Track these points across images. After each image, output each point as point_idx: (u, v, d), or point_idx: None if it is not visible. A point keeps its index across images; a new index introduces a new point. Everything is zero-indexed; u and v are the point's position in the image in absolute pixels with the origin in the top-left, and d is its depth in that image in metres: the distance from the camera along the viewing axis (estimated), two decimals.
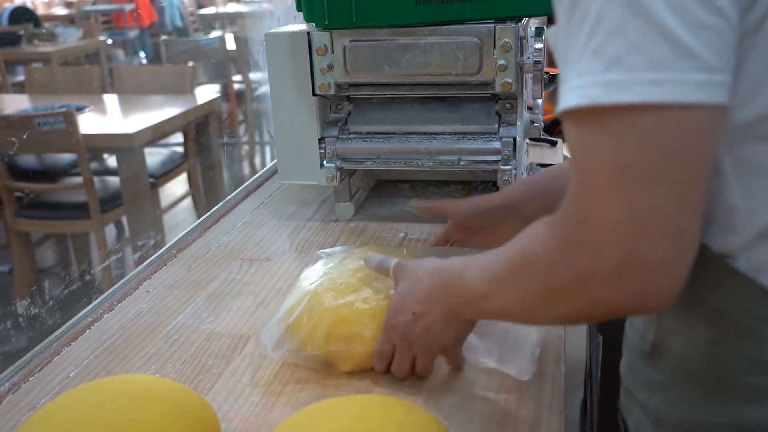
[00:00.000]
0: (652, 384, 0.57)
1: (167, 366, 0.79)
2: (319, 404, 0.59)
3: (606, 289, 0.45)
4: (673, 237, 0.42)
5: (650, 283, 0.43)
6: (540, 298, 0.51)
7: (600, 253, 0.44)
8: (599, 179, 0.43)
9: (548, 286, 0.49)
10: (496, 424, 0.67)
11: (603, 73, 0.41)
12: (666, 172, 0.41)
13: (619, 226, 0.42)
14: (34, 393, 0.76)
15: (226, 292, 0.96)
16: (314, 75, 1.08)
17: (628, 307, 0.46)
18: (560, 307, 0.50)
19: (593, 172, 0.43)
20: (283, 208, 1.26)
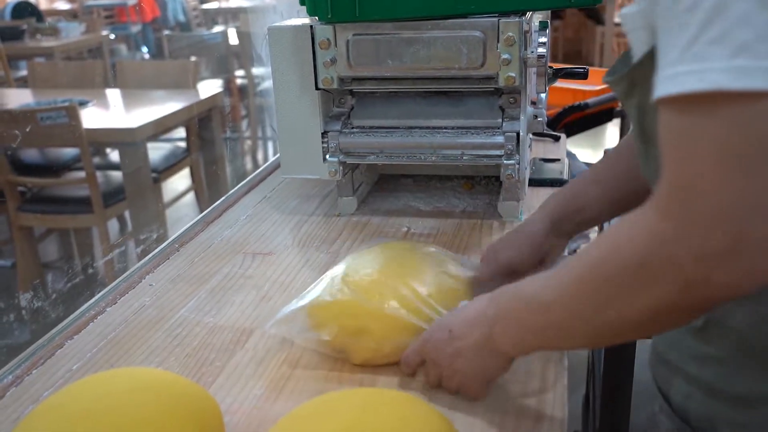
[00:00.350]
0: (704, 357, 0.57)
1: (170, 359, 0.79)
2: (322, 397, 0.59)
3: (706, 273, 0.44)
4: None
5: (757, 263, 0.43)
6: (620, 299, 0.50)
7: (704, 235, 0.43)
8: (708, 163, 0.43)
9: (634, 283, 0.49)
10: (499, 419, 0.67)
11: (729, 60, 0.41)
12: None
13: (728, 209, 0.42)
14: (37, 386, 0.76)
15: (228, 286, 0.96)
16: (317, 69, 1.07)
17: (729, 290, 0.46)
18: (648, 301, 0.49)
19: (701, 156, 0.43)
20: (285, 203, 1.26)
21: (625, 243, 0.49)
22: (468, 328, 0.64)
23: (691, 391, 0.59)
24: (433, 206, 1.20)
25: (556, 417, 0.67)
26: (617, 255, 0.50)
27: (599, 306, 0.52)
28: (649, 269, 0.47)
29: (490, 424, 0.66)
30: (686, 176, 0.44)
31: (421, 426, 0.54)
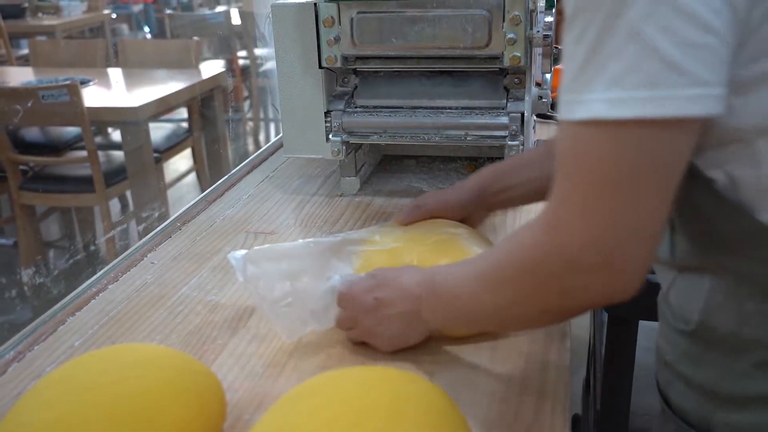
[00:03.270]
0: (698, 359, 0.58)
1: (172, 336, 0.79)
2: (323, 375, 0.59)
3: (583, 283, 0.50)
4: (646, 239, 0.48)
5: (621, 278, 0.49)
6: (516, 304, 0.57)
7: (579, 251, 0.49)
8: (589, 185, 0.47)
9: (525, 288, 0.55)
10: (500, 400, 0.67)
11: (604, 92, 0.45)
12: (653, 181, 0.46)
13: (600, 229, 0.47)
14: (39, 361, 0.76)
15: (230, 265, 0.95)
16: (321, 47, 1.07)
17: (599, 300, 0.52)
18: (538, 304, 0.56)
19: (584, 177, 0.48)
20: (288, 182, 1.26)
21: (518, 250, 0.55)
22: (397, 300, 0.70)
23: (687, 391, 0.59)
24: (437, 187, 1.20)
25: (558, 398, 0.67)
26: (512, 260, 0.56)
27: (499, 303, 0.59)
28: (535, 277, 0.53)
29: (492, 403, 0.66)
30: (567, 195, 0.48)
31: (423, 403, 0.54)
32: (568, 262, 0.50)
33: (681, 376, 0.60)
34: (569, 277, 0.50)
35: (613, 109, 0.45)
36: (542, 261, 0.52)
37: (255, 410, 0.66)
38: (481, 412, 0.65)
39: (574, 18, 0.47)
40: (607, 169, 0.46)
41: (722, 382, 0.56)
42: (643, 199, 0.46)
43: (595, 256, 0.48)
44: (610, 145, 0.46)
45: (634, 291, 0.49)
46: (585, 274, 0.49)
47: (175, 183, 2.86)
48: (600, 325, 1.32)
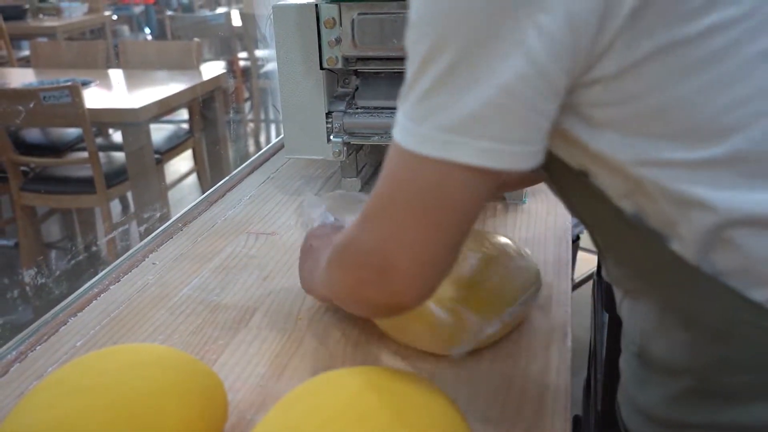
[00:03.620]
0: (642, 381, 0.58)
1: (174, 337, 0.79)
2: (324, 375, 0.59)
3: (366, 293, 0.55)
4: (418, 259, 0.50)
5: (398, 285, 0.52)
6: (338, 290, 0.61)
7: (362, 266, 0.53)
8: (385, 195, 0.51)
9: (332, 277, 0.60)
10: (502, 400, 0.67)
11: (419, 124, 0.47)
12: (431, 212, 0.49)
13: (383, 236, 0.51)
14: (41, 362, 0.76)
15: (232, 265, 0.96)
16: (322, 48, 1.07)
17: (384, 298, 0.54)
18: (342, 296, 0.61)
19: (384, 188, 0.51)
20: (289, 183, 1.26)
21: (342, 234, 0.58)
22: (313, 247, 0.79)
23: (633, 412, 0.60)
24: None
25: (559, 398, 0.67)
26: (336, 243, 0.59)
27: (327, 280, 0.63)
28: (335, 275, 0.59)
29: (492, 404, 0.66)
30: (375, 196, 0.52)
31: (424, 403, 0.54)
32: (354, 272, 0.55)
33: (629, 398, 0.60)
34: (355, 286, 0.55)
35: (420, 144, 0.47)
36: (341, 263, 0.57)
37: (257, 411, 0.66)
38: (482, 413, 0.65)
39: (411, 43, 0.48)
40: (401, 193, 0.49)
41: (659, 406, 0.56)
42: (422, 225, 0.49)
43: (371, 269, 0.52)
44: (410, 174, 0.48)
45: (412, 300, 0.53)
46: (367, 285, 0.53)
47: (175, 184, 2.86)
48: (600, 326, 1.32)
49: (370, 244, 0.52)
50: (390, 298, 0.54)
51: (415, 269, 0.51)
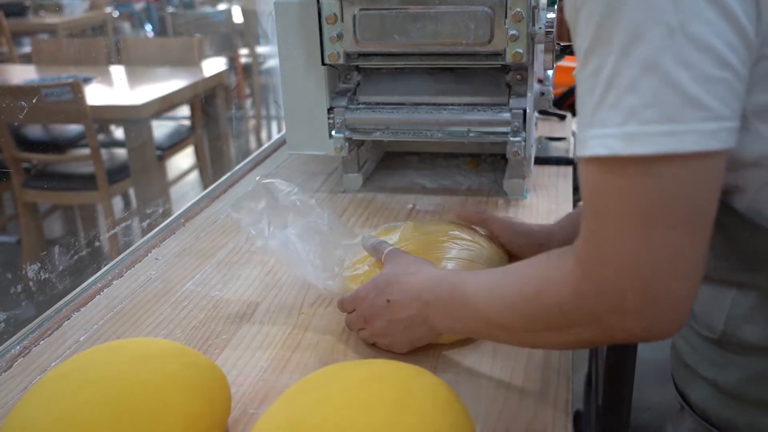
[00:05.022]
0: (723, 364, 0.58)
1: (176, 331, 0.79)
2: (327, 368, 0.60)
3: (625, 323, 0.48)
4: (686, 276, 0.46)
5: (666, 317, 0.47)
6: (549, 331, 0.55)
7: (619, 293, 0.47)
8: (618, 223, 0.46)
9: (560, 324, 0.53)
10: (503, 395, 0.67)
11: (621, 126, 0.44)
12: (683, 216, 0.45)
13: (638, 267, 0.45)
14: (44, 356, 0.76)
15: (234, 261, 0.96)
16: (324, 44, 1.07)
17: (645, 337, 0.49)
18: (570, 340, 0.54)
19: (612, 216, 0.46)
20: (290, 179, 1.24)
21: (548, 288, 0.53)
22: (406, 302, 0.68)
23: (711, 393, 0.60)
24: (439, 183, 1.20)
25: (561, 392, 0.67)
26: (541, 298, 0.54)
27: (526, 331, 0.57)
28: (570, 316, 0.51)
29: (494, 398, 0.66)
30: (599, 235, 0.47)
31: (428, 396, 0.54)
32: (607, 302, 0.48)
33: (704, 379, 0.60)
34: (609, 317, 0.48)
35: (630, 145, 0.44)
36: (579, 301, 0.50)
37: (260, 404, 0.67)
38: (484, 407, 0.65)
39: (589, 52, 0.46)
40: (633, 206, 0.45)
41: (749, 386, 0.56)
42: (676, 236, 0.45)
43: (634, 296, 0.46)
44: (632, 182, 0.45)
45: (677, 328, 0.48)
46: (625, 315, 0.47)
47: (177, 181, 2.86)
48: None
49: (617, 284, 0.46)
50: (645, 336, 0.49)
51: (682, 292, 0.46)
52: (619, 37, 0.44)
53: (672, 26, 0.42)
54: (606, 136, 0.45)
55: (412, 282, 0.69)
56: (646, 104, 0.43)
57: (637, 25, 0.43)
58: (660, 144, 0.43)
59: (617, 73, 0.44)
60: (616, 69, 0.44)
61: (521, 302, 0.56)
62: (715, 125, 0.43)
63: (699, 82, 0.43)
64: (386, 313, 0.69)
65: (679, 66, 0.43)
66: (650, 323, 0.47)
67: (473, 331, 0.67)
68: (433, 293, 0.66)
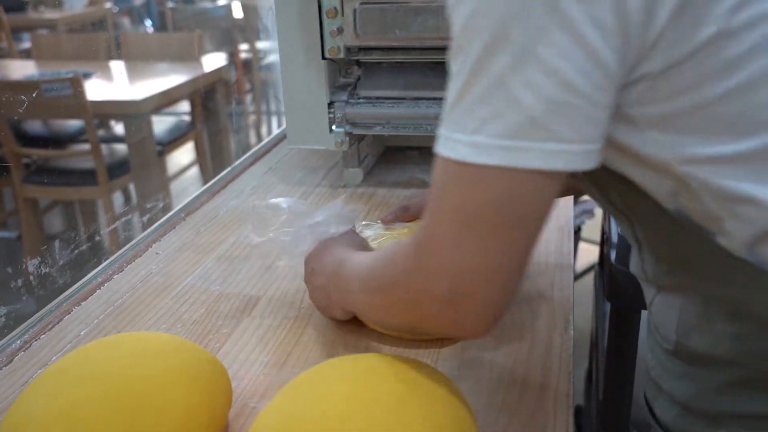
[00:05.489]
0: (678, 375, 0.58)
1: (177, 326, 0.79)
2: (328, 362, 0.59)
3: (435, 313, 0.51)
4: (496, 283, 0.48)
5: (471, 317, 0.49)
6: (385, 309, 0.59)
7: (434, 283, 0.49)
8: (445, 219, 0.48)
9: (392, 301, 0.57)
10: (504, 388, 0.67)
11: (471, 134, 0.46)
12: (506, 227, 0.47)
13: (452, 265, 0.48)
14: (45, 351, 0.76)
15: (235, 255, 0.96)
16: (324, 38, 1.07)
17: (449, 332, 0.53)
18: (399, 318, 0.58)
19: (443, 211, 0.48)
20: (291, 174, 1.26)
21: (390, 264, 0.57)
22: (319, 273, 0.74)
23: (669, 406, 0.60)
24: None
25: (561, 386, 0.67)
26: (383, 273, 0.58)
27: (374, 306, 0.62)
28: (399, 295, 0.55)
29: (495, 392, 0.66)
30: (430, 227, 0.49)
31: (428, 389, 0.54)
32: (423, 290, 0.51)
33: (663, 391, 0.60)
34: (423, 304, 0.51)
35: (477, 154, 0.45)
36: (407, 283, 0.53)
37: (260, 398, 0.67)
38: (485, 401, 0.65)
39: (454, 53, 0.47)
40: (467, 211, 0.47)
41: (699, 398, 0.56)
42: (498, 244, 0.47)
43: (446, 290, 0.49)
44: (472, 188, 0.47)
45: (483, 330, 0.50)
46: (437, 305, 0.50)
47: (177, 176, 2.86)
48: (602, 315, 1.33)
49: (434, 271, 0.49)
50: (454, 331, 0.52)
51: (491, 296, 0.48)
52: (475, 49, 0.45)
53: (522, 46, 0.43)
54: (457, 141, 0.46)
55: (329, 256, 0.74)
56: (494, 118, 0.45)
57: (491, 40, 0.44)
58: (502, 157, 0.45)
59: (470, 82, 0.45)
60: (471, 78, 0.45)
61: (369, 277, 0.61)
62: (555, 146, 0.45)
63: (542, 103, 0.44)
64: (313, 277, 0.76)
65: (525, 87, 0.44)
66: (456, 320, 0.50)
67: (346, 305, 0.71)
68: (334, 268, 0.71)
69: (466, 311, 0.49)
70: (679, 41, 0.44)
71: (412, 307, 0.53)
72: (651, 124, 0.48)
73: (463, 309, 0.49)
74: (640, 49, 0.45)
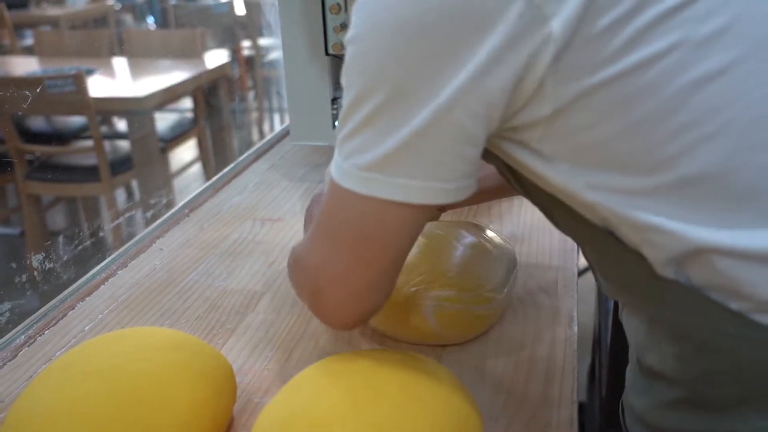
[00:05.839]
0: (640, 389, 0.59)
1: (181, 321, 0.79)
2: (332, 357, 0.60)
3: (307, 301, 0.59)
4: (345, 288, 0.55)
5: (327, 311, 0.57)
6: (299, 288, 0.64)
7: (304, 278, 0.58)
8: (318, 226, 0.55)
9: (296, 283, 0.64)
10: (508, 384, 0.67)
11: (343, 160, 0.50)
12: (360, 243, 0.52)
13: (315, 264, 0.55)
14: (49, 346, 0.76)
15: (238, 251, 0.96)
16: (327, 34, 1.06)
17: (323, 321, 0.59)
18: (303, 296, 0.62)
19: (318, 220, 0.55)
20: (293, 170, 1.26)
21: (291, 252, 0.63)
22: None
23: (633, 420, 0.60)
24: None
25: (565, 381, 0.67)
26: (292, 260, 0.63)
27: None
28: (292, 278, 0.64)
29: (499, 388, 0.66)
30: (309, 231, 0.57)
31: (432, 385, 0.54)
32: (299, 283, 0.60)
33: (629, 405, 0.61)
34: (305, 299, 0.60)
35: (345, 180, 0.50)
36: (292, 271, 0.62)
37: (264, 393, 0.67)
38: (488, 397, 0.65)
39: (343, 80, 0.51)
40: (331, 224, 0.54)
41: (652, 413, 0.56)
42: (350, 256, 0.53)
43: (311, 285, 0.56)
44: (338, 206, 0.53)
45: (343, 325, 0.59)
46: (307, 295, 0.59)
47: (180, 173, 2.86)
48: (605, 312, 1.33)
49: (306, 266, 0.57)
50: (323, 318, 0.59)
51: (341, 298, 0.55)
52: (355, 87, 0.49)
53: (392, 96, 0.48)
54: (336, 164, 0.52)
55: None
56: (359, 151, 0.49)
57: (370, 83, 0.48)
58: (362, 186, 0.50)
59: (347, 116, 0.50)
60: (348, 113, 0.50)
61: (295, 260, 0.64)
62: (409, 182, 0.49)
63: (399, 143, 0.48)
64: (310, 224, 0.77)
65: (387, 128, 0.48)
66: (318, 310, 0.58)
67: None
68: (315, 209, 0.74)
69: (325, 306, 0.56)
70: (561, 92, 0.46)
71: (297, 286, 0.62)
72: (556, 156, 0.50)
73: (322, 303, 0.56)
74: (504, 117, 0.48)
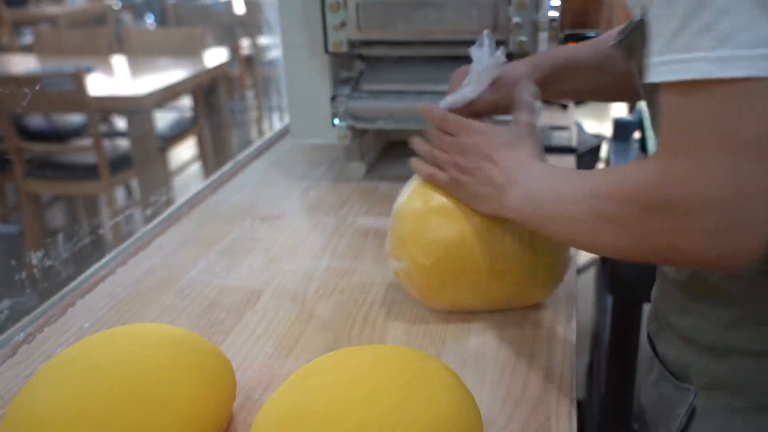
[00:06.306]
0: (686, 309, 0.59)
1: (180, 318, 0.80)
2: (332, 353, 0.60)
3: (697, 246, 0.47)
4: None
5: (741, 245, 0.45)
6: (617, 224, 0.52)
7: (697, 215, 0.46)
8: (705, 145, 0.45)
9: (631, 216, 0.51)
10: (507, 381, 0.67)
11: (712, 50, 0.43)
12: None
13: (721, 189, 0.44)
14: (49, 343, 0.76)
15: (238, 249, 0.96)
16: (327, 32, 1.07)
17: (713, 265, 0.49)
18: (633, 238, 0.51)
19: (699, 138, 0.45)
20: (293, 168, 1.26)
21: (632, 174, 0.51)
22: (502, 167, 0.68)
23: (672, 339, 0.61)
24: None
25: (564, 378, 0.67)
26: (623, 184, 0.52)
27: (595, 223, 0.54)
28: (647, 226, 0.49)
29: (498, 384, 0.67)
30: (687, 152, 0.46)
31: (432, 381, 0.54)
32: (687, 224, 0.46)
33: (668, 325, 0.61)
34: (683, 239, 0.47)
35: (722, 68, 0.43)
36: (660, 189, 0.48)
37: (264, 390, 0.67)
38: (488, 393, 0.65)
39: None
40: (724, 130, 0.44)
41: (705, 331, 0.57)
42: (762, 160, 0.44)
43: (716, 218, 0.45)
44: (725, 105, 0.44)
45: (754, 258, 0.46)
46: (701, 237, 0.46)
47: (179, 171, 2.87)
48: (604, 309, 1.33)
49: (699, 205, 0.45)
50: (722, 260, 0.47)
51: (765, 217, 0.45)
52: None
53: None
54: (694, 60, 0.44)
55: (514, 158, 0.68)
56: (740, 28, 0.43)
57: None
58: (752, 67, 0.42)
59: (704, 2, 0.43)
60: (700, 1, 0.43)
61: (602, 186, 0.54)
62: None
63: None
64: (482, 162, 0.70)
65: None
66: (722, 249, 0.46)
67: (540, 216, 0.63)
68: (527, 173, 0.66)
69: (738, 240, 0.45)
70: None
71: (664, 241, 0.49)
72: None
73: (734, 238, 0.45)
74: None
